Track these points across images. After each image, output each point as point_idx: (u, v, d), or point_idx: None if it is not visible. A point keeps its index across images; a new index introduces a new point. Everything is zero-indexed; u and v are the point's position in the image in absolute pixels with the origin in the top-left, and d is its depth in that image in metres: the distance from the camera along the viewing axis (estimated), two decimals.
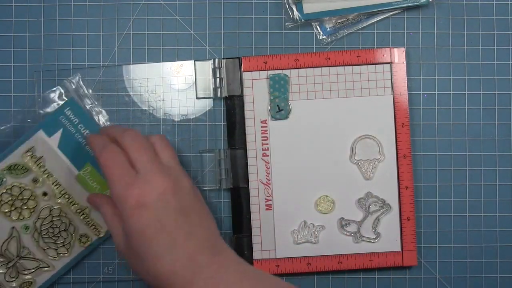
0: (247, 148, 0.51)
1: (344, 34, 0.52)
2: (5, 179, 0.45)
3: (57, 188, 0.48)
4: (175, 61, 0.52)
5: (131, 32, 0.52)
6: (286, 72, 0.51)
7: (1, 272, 0.48)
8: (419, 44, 0.52)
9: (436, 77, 0.52)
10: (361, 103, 0.51)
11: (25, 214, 0.47)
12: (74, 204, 0.48)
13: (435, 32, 0.52)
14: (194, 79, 0.51)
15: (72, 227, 0.49)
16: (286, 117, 0.51)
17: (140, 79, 0.52)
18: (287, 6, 0.51)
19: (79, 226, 0.49)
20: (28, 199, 0.46)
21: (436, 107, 0.52)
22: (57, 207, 0.48)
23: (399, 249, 0.50)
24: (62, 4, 0.52)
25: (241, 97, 0.51)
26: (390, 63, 0.51)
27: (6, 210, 0.46)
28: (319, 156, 0.51)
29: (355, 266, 0.50)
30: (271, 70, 0.51)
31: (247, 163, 0.51)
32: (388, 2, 0.51)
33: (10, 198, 0.46)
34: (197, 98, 0.52)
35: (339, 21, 0.52)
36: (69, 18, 0.52)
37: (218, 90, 0.51)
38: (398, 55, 0.51)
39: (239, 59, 0.51)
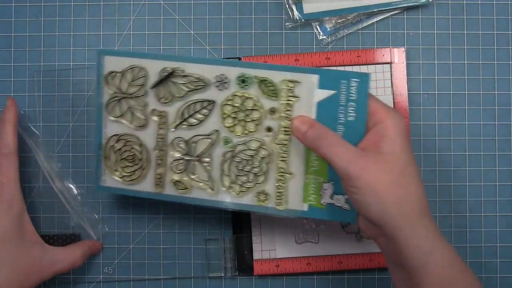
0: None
1: (344, 34, 0.52)
2: (249, 85, 0.42)
3: (284, 134, 0.43)
4: None
5: (131, 32, 0.52)
6: None
7: (177, 156, 0.44)
8: (419, 44, 0.52)
9: (436, 77, 0.52)
10: None
11: (250, 127, 0.43)
12: (283, 161, 0.43)
13: (435, 32, 0.52)
14: None
15: (262, 177, 0.44)
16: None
17: None
18: (287, 6, 0.51)
19: (268, 183, 0.44)
20: (254, 117, 0.42)
21: (436, 107, 0.52)
22: (269, 149, 0.43)
23: None
24: (62, 4, 0.52)
25: None
26: (390, 63, 0.51)
27: (231, 113, 0.43)
28: None
29: (355, 266, 0.50)
30: None
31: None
32: (388, 2, 0.51)
33: (237, 107, 0.43)
34: None
35: (339, 21, 0.52)
36: (69, 18, 0.52)
37: None
38: (398, 55, 0.51)
39: (239, 59, 0.51)
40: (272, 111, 0.42)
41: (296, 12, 0.51)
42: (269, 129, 0.43)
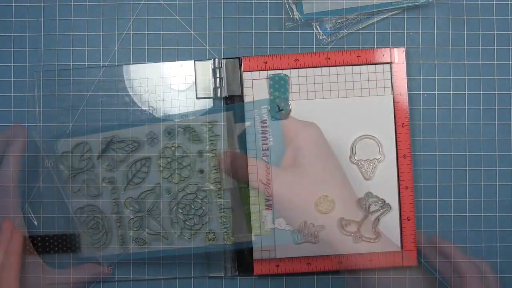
0: (247, 148, 0.51)
1: (344, 34, 0.52)
2: (175, 136, 0.46)
3: (215, 173, 0.47)
4: (175, 61, 0.52)
5: (131, 32, 0.52)
6: (286, 72, 0.51)
7: (132, 215, 0.49)
8: (419, 44, 0.52)
9: (436, 77, 0.52)
10: (361, 103, 0.51)
11: (185, 173, 0.47)
12: (220, 198, 0.47)
13: (435, 32, 0.52)
14: (194, 79, 0.51)
15: (207, 217, 0.48)
16: (286, 117, 0.51)
17: (140, 79, 0.52)
18: (287, 6, 0.51)
19: (213, 221, 0.48)
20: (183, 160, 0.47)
21: (436, 107, 0.52)
22: (205, 189, 0.47)
23: (399, 249, 0.50)
24: (62, 4, 0.52)
25: (241, 97, 0.51)
26: (390, 63, 0.51)
27: (166, 165, 0.47)
28: None
29: (355, 266, 0.50)
30: (271, 70, 0.51)
31: (247, 163, 0.51)
32: (388, 2, 0.51)
33: (169, 158, 0.47)
34: (197, 98, 0.52)
35: (339, 21, 0.52)
36: (69, 18, 0.52)
37: (218, 90, 0.51)
38: (398, 55, 0.51)
39: (239, 59, 0.51)
40: (200, 153, 0.47)
41: (296, 12, 0.51)
42: (201, 171, 0.47)
